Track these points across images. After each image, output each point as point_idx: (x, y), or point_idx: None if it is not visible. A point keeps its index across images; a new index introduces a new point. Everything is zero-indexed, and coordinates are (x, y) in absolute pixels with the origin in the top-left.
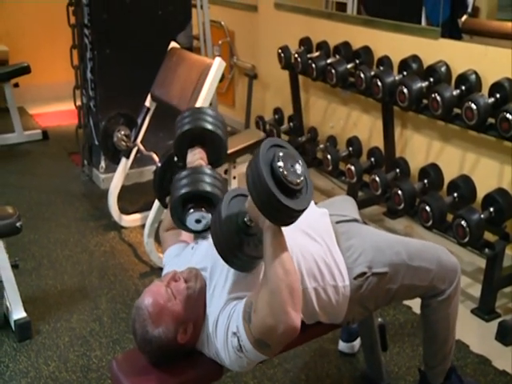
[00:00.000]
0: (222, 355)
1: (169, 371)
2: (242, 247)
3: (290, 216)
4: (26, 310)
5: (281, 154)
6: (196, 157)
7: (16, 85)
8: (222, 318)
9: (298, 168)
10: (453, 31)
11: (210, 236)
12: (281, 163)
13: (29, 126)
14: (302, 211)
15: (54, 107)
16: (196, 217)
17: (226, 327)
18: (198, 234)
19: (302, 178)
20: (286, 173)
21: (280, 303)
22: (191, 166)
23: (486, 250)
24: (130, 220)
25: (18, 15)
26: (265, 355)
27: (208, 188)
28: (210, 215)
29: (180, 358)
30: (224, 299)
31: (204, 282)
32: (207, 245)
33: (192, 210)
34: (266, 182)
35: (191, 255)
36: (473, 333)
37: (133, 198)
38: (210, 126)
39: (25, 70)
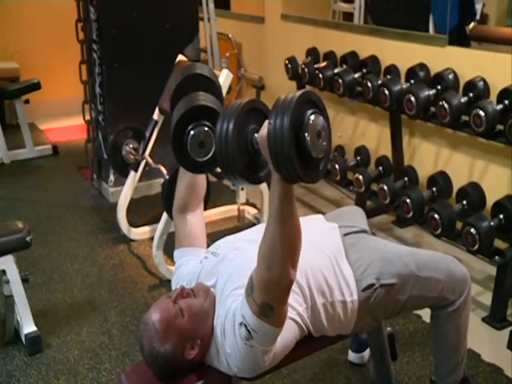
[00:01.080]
0: (232, 359)
1: (177, 383)
2: (244, 168)
3: (298, 180)
4: (36, 324)
5: (312, 118)
6: None
7: (27, 101)
8: (227, 321)
9: (324, 140)
10: (461, 38)
11: (220, 251)
12: (309, 132)
13: (39, 142)
14: (311, 182)
15: (64, 122)
16: (199, 138)
17: (233, 322)
18: (210, 171)
19: (323, 154)
20: (311, 145)
21: (279, 259)
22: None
23: (497, 257)
24: (139, 233)
25: (29, 33)
26: (270, 324)
27: (203, 102)
28: (212, 136)
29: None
30: (228, 303)
31: (213, 297)
32: (215, 261)
33: (192, 132)
34: (288, 145)
35: (199, 270)
36: (484, 341)
37: (141, 211)
38: (203, 102)
39: (35, 87)
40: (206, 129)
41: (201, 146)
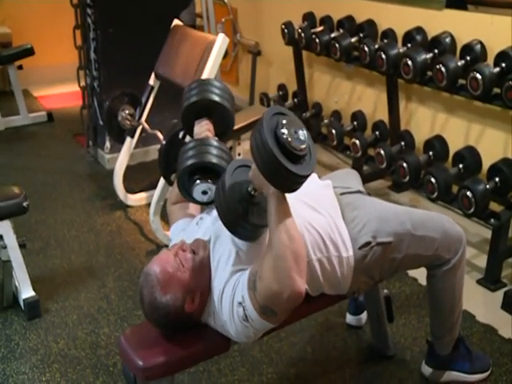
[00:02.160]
0: (228, 327)
1: (176, 344)
2: (246, 216)
3: (295, 182)
4: (34, 290)
5: (284, 121)
6: (203, 128)
7: (20, 67)
8: (227, 289)
9: (302, 134)
10: (457, 1)
11: (214, 211)
12: (285, 130)
13: (33, 108)
14: (306, 177)
15: (58, 89)
16: (202, 188)
17: (232, 298)
18: (205, 206)
19: (305, 144)
20: (290, 139)
21: (285, 269)
22: (198, 137)
23: (492, 220)
24: (136, 199)
25: None
26: (270, 323)
27: (214, 160)
28: (215, 185)
29: (187, 331)
30: (228, 272)
31: (209, 253)
32: (211, 219)
33: (198, 182)
34: (270, 148)
35: (196, 230)
36: (479, 303)
37: (138, 178)
38: (217, 98)
39: (28, 52)
40: (210, 182)
41: (203, 193)
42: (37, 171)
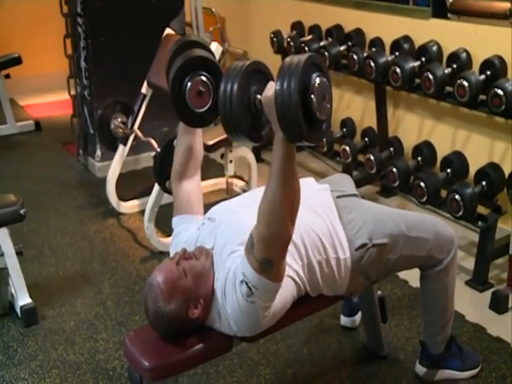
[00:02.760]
0: (233, 317)
1: (181, 345)
2: (247, 127)
3: (301, 140)
4: (30, 297)
5: (317, 81)
6: None
7: (7, 76)
8: (228, 280)
9: (328, 102)
10: (439, 11)
11: (216, 218)
12: (315, 95)
13: (20, 118)
14: (315, 143)
15: (45, 98)
16: (196, 87)
17: (234, 281)
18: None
19: (327, 116)
20: (317, 107)
21: (280, 217)
22: None
23: (480, 222)
24: (129, 206)
25: (7, 5)
26: (271, 280)
27: (198, 53)
28: (210, 86)
29: (190, 333)
30: (228, 265)
31: (212, 259)
32: (212, 226)
33: (189, 84)
34: (295, 105)
35: (197, 235)
36: (468, 303)
37: (129, 185)
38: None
39: (16, 61)
40: (204, 78)
41: (199, 94)
42: (27, 180)
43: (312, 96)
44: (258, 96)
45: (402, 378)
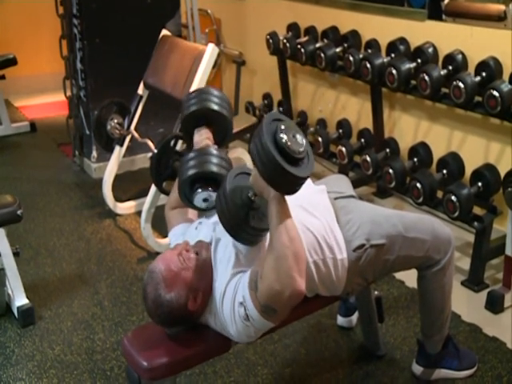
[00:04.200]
0: (229, 327)
1: (179, 345)
2: (247, 221)
3: (295, 183)
4: (27, 297)
5: (282, 126)
6: (203, 137)
7: (2, 77)
8: (228, 291)
9: (299, 138)
10: (435, 13)
11: (213, 215)
12: (283, 135)
13: (15, 119)
14: (305, 178)
15: (40, 99)
16: (204, 196)
17: (233, 299)
18: (204, 212)
19: (303, 148)
20: (289, 143)
21: (286, 269)
22: (198, 146)
23: (475, 223)
24: (125, 207)
25: (2, 6)
26: (271, 322)
27: (214, 168)
28: (215, 194)
29: (189, 332)
30: (229, 274)
31: (211, 255)
32: (210, 224)
33: (200, 190)
34: (270, 151)
35: (196, 234)
36: (463, 303)
37: (125, 186)
38: (215, 107)
39: (11, 62)
40: (210, 190)
41: (204, 201)
42: (23, 181)
43: (281, 136)
44: (249, 193)
45: (399, 378)
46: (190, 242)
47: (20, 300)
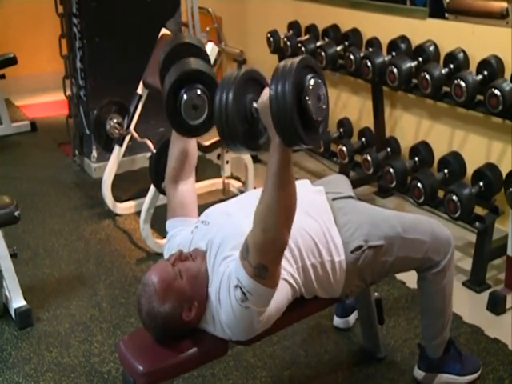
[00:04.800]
0: (228, 322)
1: (175, 348)
2: (244, 136)
3: (301, 145)
4: (24, 299)
5: (312, 83)
6: None
7: (2, 76)
8: (223, 283)
9: (323, 101)
10: (436, 11)
11: (210, 221)
12: (310, 95)
13: (16, 118)
14: (313, 145)
15: (41, 98)
16: (191, 100)
17: (228, 287)
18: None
19: (323, 117)
20: (312, 108)
21: (276, 223)
22: None
23: (477, 223)
24: (125, 207)
25: (2, 5)
26: (265, 285)
27: (194, 66)
28: (205, 99)
29: (185, 336)
30: (221, 271)
31: (206, 262)
32: (205, 229)
33: (185, 97)
34: (290, 109)
35: (191, 239)
36: (465, 304)
37: (125, 186)
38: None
39: (11, 61)
40: (199, 92)
41: (194, 108)
42: (22, 181)
43: (307, 98)
44: (254, 104)
45: (399, 381)
46: (184, 248)
47: (17, 302)
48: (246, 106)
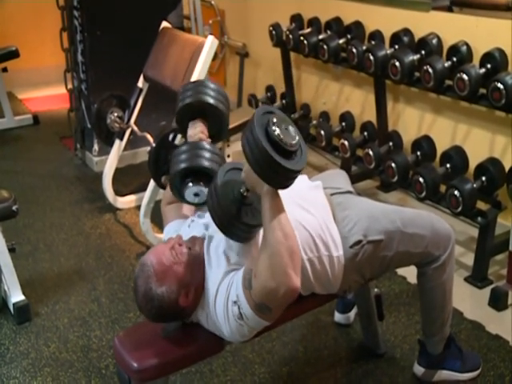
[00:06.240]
0: (222, 327)
1: (170, 345)
2: (239, 217)
3: (288, 177)
4: (23, 294)
5: (274, 119)
6: (197, 130)
7: (4, 69)
8: (221, 290)
9: (292, 130)
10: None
11: (206, 214)
12: (275, 127)
13: (19, 111)
14: (298, 171)
15: (44, 92)
16: (194, 191)
17: (226, 298)
18: (200, 207)
19: (296, 140)
20: (281, 136)
21: (281, 266)
22: (192, 139)
23: (479, 218)
24: (125, 201)
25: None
26: (265, 320)
27: (206, 163)
28: (206, 189)
29: (180, 331)
30: (222, 273)
31: (203, 252)
32: (203, 222)
33: (191, 184)
34: (263, 145)
35: (188, 232)
36: (466, 300)
37: (126, 180)
38: (211, 100)
39: (13, 54)
40: (202, 185)
41: (195, 195)
42: (24, 174)
43: (273, 128)
44: (241, 188)
45: (399, 377)
46: (183, 237)
47: (16, 296)
48: (235, 192)
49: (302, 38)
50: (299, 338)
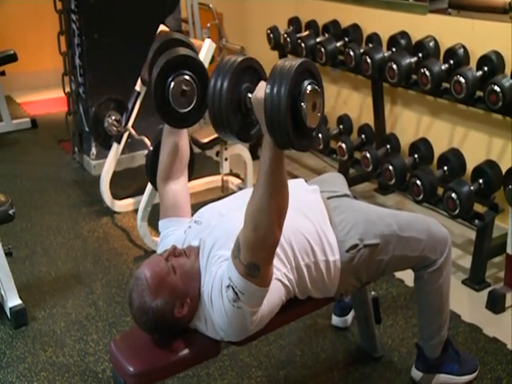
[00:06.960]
0: (220, 322)
1: (167, 350)
2: (236, 125)
3: (292, 148)
4: (20, 298)
5: (309, 89)
6: None
7: (2, 73)
8: (215, 283)
9: (318, 111)
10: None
11: (203, 221)
12: (306, 102)
13: (17, 115)
14: (304, 151)
15: (42, 95)
16: (179, 86)
17: (220, 286)
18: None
19: (316, 125)
20: (307, 115)
21: (268, 221)
22: None
23: (476, 221)
24: (123, 205)
25: (2, 2)
26: (257, 285)
27: (181, 52)
28: (194, 84)
29: (177, 336)
30: (214, 270)
31: (199, 260)
32: (198, 229)
33: (172, 83)
34: (285, 113)
35: (184, 238)
36: (464, 303)
37: (124, 184)
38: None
39: (11, 58)
40: (187, 77)
41: (182, 94)
42: (22, 178)
43: (302, 104)
44: (249, 94)
45: (396, 380)
46: (178, 246)
47: (12, 301)
48: (241, 95)
49: (299, 41)
50: (296, 342)
